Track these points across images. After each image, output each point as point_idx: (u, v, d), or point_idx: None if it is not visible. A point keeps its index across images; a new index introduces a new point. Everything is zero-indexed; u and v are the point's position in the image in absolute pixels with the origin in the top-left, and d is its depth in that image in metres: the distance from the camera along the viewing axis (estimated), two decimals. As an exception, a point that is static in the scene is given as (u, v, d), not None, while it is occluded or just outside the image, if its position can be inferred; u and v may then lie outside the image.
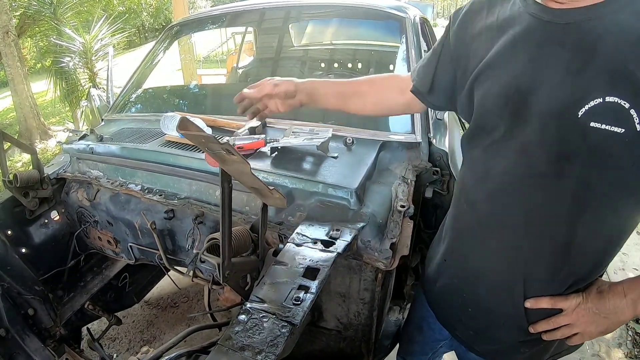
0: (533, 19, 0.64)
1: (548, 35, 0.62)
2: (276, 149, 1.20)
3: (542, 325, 0.79)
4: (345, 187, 1.03)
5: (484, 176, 0.76)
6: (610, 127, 0.56)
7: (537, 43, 0.64)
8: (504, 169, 0.71)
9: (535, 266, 0.75)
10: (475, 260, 0.83)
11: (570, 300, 0.75)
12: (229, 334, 0.66)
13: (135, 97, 2.01)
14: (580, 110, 0.58)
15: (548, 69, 0.62)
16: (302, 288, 0.74)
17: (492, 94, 0.70)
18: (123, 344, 2.08)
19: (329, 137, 1.18)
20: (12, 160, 5.53)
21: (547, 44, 0.62)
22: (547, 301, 0.76)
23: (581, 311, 0.74)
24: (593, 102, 0.57)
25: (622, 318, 0.73)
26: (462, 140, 0.82)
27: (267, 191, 0.70)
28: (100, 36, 5.99)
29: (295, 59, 2.76)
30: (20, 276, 1.41)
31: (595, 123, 0.57)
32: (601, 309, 0.73)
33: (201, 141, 0.53)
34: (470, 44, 0.76)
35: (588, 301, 0.74)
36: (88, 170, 1.49)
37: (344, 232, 0.92)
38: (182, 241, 1.29)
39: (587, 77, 0.58)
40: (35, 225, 1.52)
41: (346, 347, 1.15)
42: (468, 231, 0.84)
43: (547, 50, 0.62)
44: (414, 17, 1.69)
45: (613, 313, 0.73)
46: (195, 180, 1.23)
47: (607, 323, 0.74)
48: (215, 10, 2.18)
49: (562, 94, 0.60)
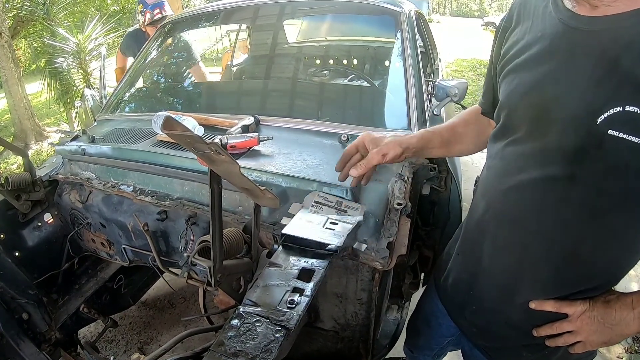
0: (562, 24, 0.64)
1: (574, 43, 0.62)
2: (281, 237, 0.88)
3: (545, 330, 0.78)
4: (341, 185, 1.01)
5: (501, 173, 0.77)
6: (627, 136, 0.56)
7: (563, 50, 0.64)
8: (520, 168, 0.71)
9: (541, 268, 0.74)
10: (484, 256, 0.83)
11: (575, 306, 0.73)
12: (221, 339, 0.64)
13: (129, 96, 1.99)
14: (600, 117, 0.58)
15: (572, 76, 0.62)
16: (297, 290, 0.73)
17: (517, 94, 0.71)
18: (120, 346, 2.06)
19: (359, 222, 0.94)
20: (7, 163, 5.50)
21: (573, 52, 0.62)
22: (551, 304, 0.75)
23: (586, 319, 0.73)
24: (613, 110, 0.57)
25: (626, 331, 0.71)
26: (490, 135, 0.83)
27: (258, 191, 0.68)
28: (94, 36, 5.93)
29: (290, 56, 2.73)
30: (13, 280, 1.39)
31: (613, 131, 0.57)
32: (606, 318, 0.71)
33: (187, 141, 0.51)
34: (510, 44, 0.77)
35: (594, 309, 0.72)
36: (80, 172, 1.47)
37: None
38: (176, 242, 1.27)
39: (609, 86, 0.58)
40: (28, 228, 1.50)
41: (344, 347, 1.14)
42: (480, 226, 0.84)
43: (572, 58, 0.62)
44: (409, 11, 1.67)
45: (618, 324, 0.71)
46: (187, 181, 1.21)
47: (611, 334, 0.72)
48: (208, 8, 2.15)
49: (583, 102, 0.60)
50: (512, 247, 0.77)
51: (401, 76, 1.45)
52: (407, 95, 1.39)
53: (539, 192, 0.69)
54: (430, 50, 2.62)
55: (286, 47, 2.92)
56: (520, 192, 0.72)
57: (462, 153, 1.05)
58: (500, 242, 0.79)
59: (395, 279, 1.36)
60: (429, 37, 2.72)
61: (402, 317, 1.39)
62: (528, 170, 0.70)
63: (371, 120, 1.41)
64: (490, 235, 0.81)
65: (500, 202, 0.77)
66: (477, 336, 0.94)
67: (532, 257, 0.74)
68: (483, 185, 0.84)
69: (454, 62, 9.53)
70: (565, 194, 0.66)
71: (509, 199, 0.75)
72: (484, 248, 0.83)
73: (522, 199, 0.72)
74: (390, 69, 1.70)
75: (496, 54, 0.81)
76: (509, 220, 0.76)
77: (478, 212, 0.85)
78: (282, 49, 2.78)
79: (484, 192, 0.83)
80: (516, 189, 0.73)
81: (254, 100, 1.86)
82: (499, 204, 0.78)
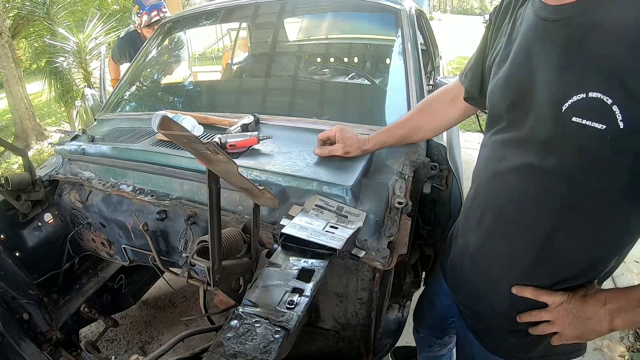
0: (534, 16, 0.66)
1: (543, 32, 0.64)
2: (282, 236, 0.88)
3: (526, 316, 0.80)
4: (341, 185, 1.01)
5: (487, 161, 0.81)
6: (590, 122, 0.56)
7: (534, 40, 0.66)
8: (502, 157, 0.74)
9: (522, 255, 0.76)
10: (471, 242, 0.87)
11: (554, 296, 0.75)
12: (220, 340, 0.64)
13: (129, 95, 1.98)
14: (565, 105, 0.59)
15: (542, 65, 0.64)
16: (297, 291, 0.72)
17: (498, 87, 0.74)
18: (121, 346, 2.06)
19: (359, 228, 0.93)
20: (8, 163, 5.50)
21: (542, 41, 0.64)
22: (531, 291, 0.77)
23: (562, 310, 0.74)
24: (576, 97, 0.57)
25: (597, 327, 0.71)
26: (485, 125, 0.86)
27: (257, 191, 0.67)
28: (95, 35, 5.92)
29: (291, 54, 2.71)
30: (14, 280, 1.39)
31: (577, 118, 0.58)
32: (580, 312, 0.72)
33: (184, 141, 0.51)
34: (498, 39, 0.79)
35: (571, 302, 0.73)
36: (80, 172, 1.46)
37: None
38: (176, 242, 1.26)
39: (574, 72, 0.58)
40: (28, 228, 1.50)
41: (345, 347, 1.13)
42: (469, 212, 0.89)
43: (542, 47, 0.64)
44: (410, 9, 1.66)
45: (590, 319, 0.71)
46: (186, 180, 1.20)
47: (583, 329, 0.73)
48: (208, 6, 2.14)
49: (551, 90, 0.62)
50: (495, 234, 0.80)
51: (402, 74, 1.44)
52: (408, 93, 1.38)
53: (518, 180, 0.71)
54: (431, 48, 2.61)
55: (286, 45, 2.90)
56: (502, 180, 0.75)
57: (423, 139, 1.17)
58: (484, 228, 0.82)
59: (396, 278, 1.35)
60: (430, 34, 2.70)
61: (404, 316, 1.39)
62: (508, 159, 0.73)
63: (372, 119, 1.40)
64: (477, 221, 0.84)
65: (485, 189, 0.81)
66: (470, 318, 0.97)
67: (513, 244, 0.76)
68: (474, 173, 0.88)
69: (455, 60, 9.49)
70: (541, 181, 0.67)
71: (492, 186, 0.79)
72: (472, 234, 0.87)
73: (503, 186, 0.75)
74: (391, 66, 1.69)
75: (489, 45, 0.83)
76: (492, 207, 0.79)
77: (469, 199, 0.90)
78: (282, 47, 2.76)
79: (473, 180, 0.87)
80: (498, 176, 0.76)
81: (254, 98, 1.85)
82: (484, 191, 0.82)
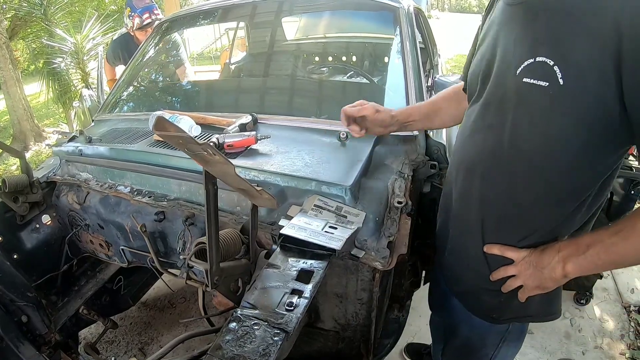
0: (503, 4, 0.77)
1: (509, 15, 0.75)
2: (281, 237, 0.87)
3: (496, 273, 0.85)
4: (340, 184, 1.00)
5: (463, 129, 0.90)
6: (537, 81, 0.66)
7: (501, 23, 0.76)
8: (473, 122, 0.84)
9: (487, 212, 0.84)
10: (452, 203, 0.94)
11: (518, 252, 0.81)
12: (219, 343, 0.63)
13: (126, 96, 1.97)
14: (518, 69, 0.69)
15: (504, 42, 0.74)
16: (296, 292, 0.71)
17: (473, 67, 0.86)
18: (121, 347, 2.06)
19: (358, 228, 0.93)
20: (6, 164, 5.48)
21: (506, 23, 0.75)
22: (499, 247, 0.83)
23: (524, 264, 0.80)
24: (527, 61, 0.68)
25: (552, 274, 0.76)
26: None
27: (254, 192, 0.66)
28: (92, 35, 5.90)
29: (289, 53, 2.70)
30: (12, 283, 1.38)
31: (527, 78, 0.68)
32: (538, 262, 0.78)
33: (179, 142, 0.50)
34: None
35: (532, 255, 0.79)
36: (77, 173, 1.45)
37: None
38: (174, 243, 1.25)
39: (526, 43, 0.69)
40: (26, 230, 1.49)
41: (345, 347, 1.13)
42: (450, 176, 0.96)
43: (505, 28, 0.75)
44: (408, 7, 1.65)
45: (546, 268, 0.77)
46: (184, 181, 1.19)
47: (541, 277, 0.78)
48: (206, 6, 2.13)
49: (507, 60, 0.72)
50: (468, 193, 0.87)
51: (400, 73, 1.44)
52: (407, 92, 1.37)
53: (482, 140, 0.81)
54: (430, 47, 2.60)
55: (284, 44, 2.89)
56: (471, 141, 0.84)
57: (442, 125, 1.26)
58: (459, 188, 0.90)
59: (396, 277, 1.34)
60: (428, 33, 2.70)
61: (404, 316, 1.38)
62: (476, 122, 0.83)
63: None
64: (455, 183, 0.92)
65: (459, 152, 0.90)
66: (451, 281, 1.03)
67: (482, 203, 0.84)
68: (455, 141, 0.95)
69: (453, 58, 9.49)
70: (498, 139, 0.76)
71: (463, 149, 0.87)
72: (450, 196, 0.95)
73: (472, 147, 0.84)
74: (389, 65, 1.67)
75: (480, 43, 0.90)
76: (464, 168, 0.87)
77: (450, 165, 0.97)
78: (280, 47, 2.76)
79: (454, 147, 0.94)
80: (468, 138, 0.85)
81: (252, 98, 1.84)
82: (458, 155, 0.90)
